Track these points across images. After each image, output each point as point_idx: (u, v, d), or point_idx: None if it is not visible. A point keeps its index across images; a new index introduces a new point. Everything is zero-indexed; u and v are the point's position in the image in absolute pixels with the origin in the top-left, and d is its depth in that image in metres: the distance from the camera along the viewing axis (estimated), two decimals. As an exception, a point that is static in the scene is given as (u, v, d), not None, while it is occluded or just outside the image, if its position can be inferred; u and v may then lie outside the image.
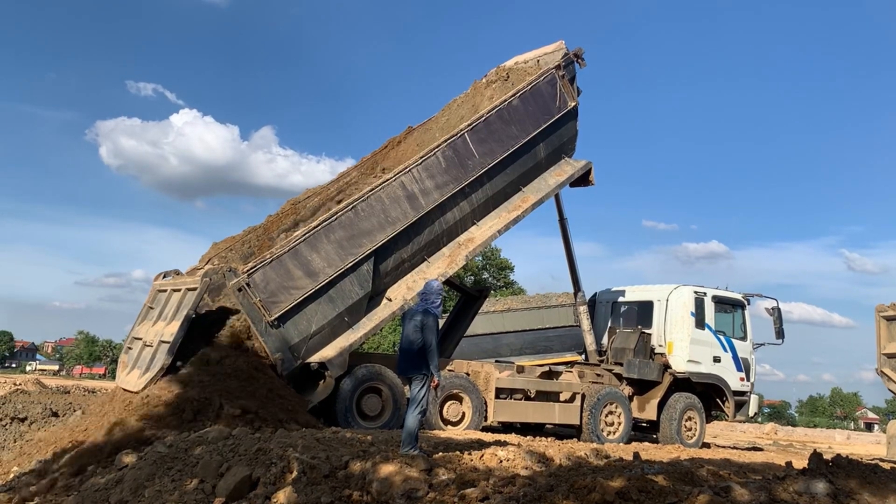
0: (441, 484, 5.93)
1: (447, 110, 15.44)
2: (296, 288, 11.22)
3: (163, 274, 12.70)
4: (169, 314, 11.12)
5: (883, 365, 15.94)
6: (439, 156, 12.69)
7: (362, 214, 11.92)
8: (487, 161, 13.21)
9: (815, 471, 5.44)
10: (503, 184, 13.69)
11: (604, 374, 15.22)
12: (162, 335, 10.69)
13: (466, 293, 15.89)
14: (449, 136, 12.89)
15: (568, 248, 16.13)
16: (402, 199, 12.29)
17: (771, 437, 29.29)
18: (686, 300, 15.57)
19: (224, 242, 13.85)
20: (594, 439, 13.99)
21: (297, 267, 11.27)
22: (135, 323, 12.70)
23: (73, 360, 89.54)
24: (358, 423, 11.61)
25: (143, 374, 10.53)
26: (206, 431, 8.16)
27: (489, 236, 13.41)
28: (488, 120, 13.21)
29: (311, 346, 11.44)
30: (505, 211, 13.75)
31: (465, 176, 12.97)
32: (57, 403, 11.89)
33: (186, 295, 10.80)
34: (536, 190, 14.16)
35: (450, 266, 12.90)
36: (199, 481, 6.48)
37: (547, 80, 13.96)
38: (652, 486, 5.04)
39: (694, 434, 15.52)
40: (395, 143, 15.09)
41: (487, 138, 13.20)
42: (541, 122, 13.88)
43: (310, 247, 11.40)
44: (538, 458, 7.08)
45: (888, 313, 16.05)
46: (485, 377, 13.55)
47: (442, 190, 12.70)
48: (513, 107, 13.51)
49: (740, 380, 16.03)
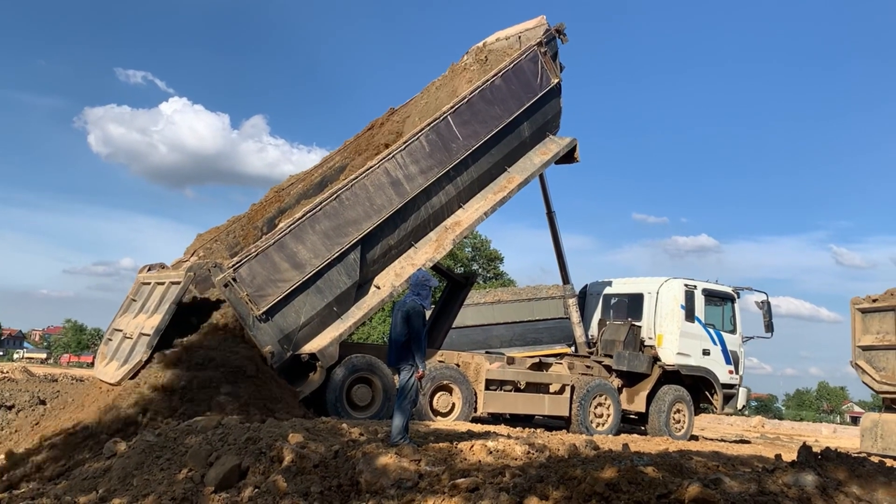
0: (431, 474, 5.93)
1: (426, 93, 15.24)
2: (283, 280, 11.13)
3: (147, 267, 12.62)
4: (151, 307, 11.04)
5: (858, 357, 15.94)
6: (423, 140, 12.52)
7: (347, 203, 11.79)
8: (471, 143, 13.04)
9: (805, 463, 5.47)
10: (488, 165, 13.53)
11: (593, 365, 15.26)
12: (143, 328, 10.61)
13: (453, 280, 15.79)
14: (432, 120, 12.70)
15: (556, 242, 16.11)
16: (387, 186, 12.16)
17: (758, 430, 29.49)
18: (676, 293, 15.62)
19: (209, 233, 13.74)
20: (583, 431, 14.03)
21: (284, 259, 11.17)
22: (116, 315, 12.62)
23: (61, 349, 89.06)
24: (348, 414, 11.58)
25: (120, 366, 10.46)
26: (196, 420, 8.13)
27: (476, 219, 13.28)
28: (471, 101, 13.02)
29: (301, 338, 11.39)
30: (491, 192, 13.61)
31: (449, 159, 12.81)
32: (44, 391, 11.83)
33: (170, 289, 10.72)
34: (522, 169, 14.00)
35: (437, 251, 12.81)
36: (188, 470, 6.45)
37: (529, 58, 13.70)
38: (642, 478, 5.05)
39: (682, 426, 15.58)
40: (378, 125, 14.88)
41: (471, 120, 13.02)
42: (524, 100, 13.67)
43: (295, 238, 11.29)
44: (528, 448, 7.09)
45: (863, 305, 16.04)
46: (475, 368, 13.55)
47: (426, 175, 12.56)
48: (495, 86, 13.30)
49: (729, 373, 16.10)
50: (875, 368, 15.68)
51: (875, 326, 15.86)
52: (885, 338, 15.63)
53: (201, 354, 10.07)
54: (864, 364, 15.79)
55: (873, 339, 15.80)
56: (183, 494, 6.03)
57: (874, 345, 15.75)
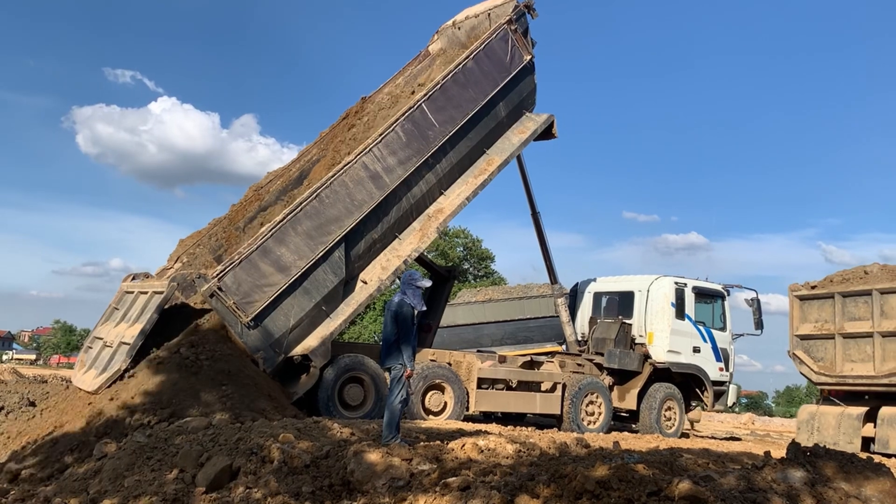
0: (423, 473, 5.93)
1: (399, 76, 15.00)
2: (269, 285, 11.06)
3: (132, 276, 12.53)
4: (133, 316, 10.96)
5: (795, 347, 15.25)
6: (398, 130, 12.37)
7: (327, 202, 11.70)
8: (448, 129, 12.88)
9: (794, 460, 5.50)
10: (467, 149, 13.39)
11: (585, 363, 15.30)
12: (123, 336, 10.53)
13: (437, 273, 15.69)
14: (406, 109, 12.54)
15: (542, 242, 16.09)
16: (366, 180, 12.05)
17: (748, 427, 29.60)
18: (667, 291, 15.67)
19: (190, 238, 13.58)
20: (575, 429, 14.07)
21: (268, 264, 11.10)
22: (98, 323, 12.52)
23: (51, 350, 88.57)
24: (340, 413, 11.58)
25: (99, 375, 10.36)
26: (187, 421, 8.12)
27: (458, 204, 13.16)
28: (444, 87, 12.84)
29: (291, 340, 11.36)
30: (472, 176, 13.50)
31: (427, 147, 12.67)
32: (34, 393, 11.76)
33: (153, 298, 10.62)
34: (501, 150, 13.86)
35: (422, 240, 12.75)
36: (179, 471, 6.44)
37: (500, 37, 13.49)
38: (633, 475, 5.07)
39: (673, 424, 15.65)
40: (352, 113, 14.59)
41: (446, 105, 12.86)
42: (498, 80, 13.48)
43: (278, 241, 11.21)
44: (519, 447, 7.11)
45: (802, 293, 15.40)
46: (467, 367, 13.56)
47: (405, 165, 12.45)
48: (467, 69, 13.11)
49: (719, 370, 16.17)
50: (813, 358, 15.07)
51: (814, 315, 15.21)
52: (823, 326, 15.00)
53: (189, 355, 10.03)
54: (801, 354, 15.17)
55: (812, 328, 15.18)
56: (174, 495, 6.02)
57: (812, 334, 15.14)
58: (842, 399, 14.94)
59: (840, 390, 14.94)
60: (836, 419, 14.61)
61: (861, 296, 14.51)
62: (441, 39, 14.92)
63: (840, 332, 14.66)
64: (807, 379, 15.72)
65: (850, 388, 14.71)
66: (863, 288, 14.51)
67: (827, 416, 14.81)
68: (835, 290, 14.91)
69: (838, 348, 14.67)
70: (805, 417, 15.24)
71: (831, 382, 14.85)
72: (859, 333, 14.42)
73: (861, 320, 14.45)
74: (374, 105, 14.36)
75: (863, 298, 14.47)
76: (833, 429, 14.56)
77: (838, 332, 14.68)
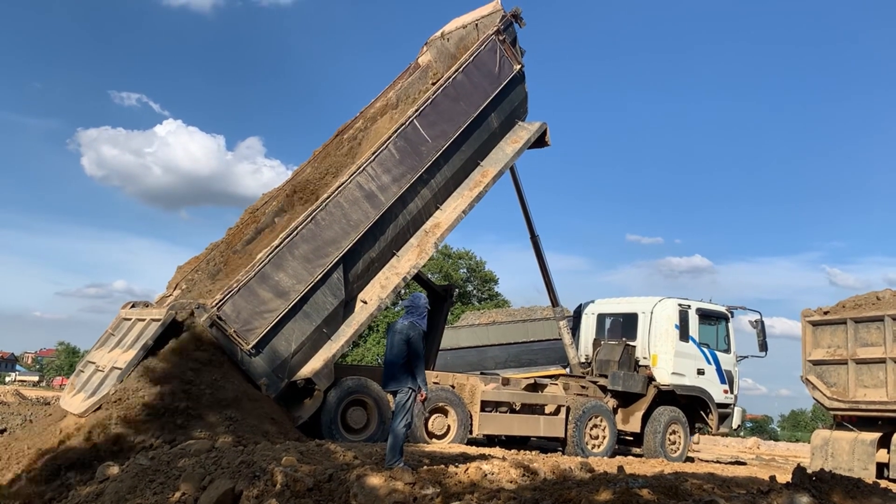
0: (426, 497, 5.90)
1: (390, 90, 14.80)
2: (269, 311, 11.02)
3: (131, 304, 12.51)
4: (128, 342, 10.88)
5: (808, 372, 15.25)
6: (391, 148, 12.34)
7: (323, 224, 11.68)
8: (441, 143, 12.84)
9: (799, 485, 5.47)
10: (461, 162, 13.36)
11: (588, 386, 15.22)
12: (116, 362, 10.44)
13: (434, 292, 15.61)
14: (398, 126, 12.51)
15: (542, 265, 16.04)
16: (361, 200, 12.03)
17: (753, 451, 29.37)
18: (670, 313, 15.62)
19: (188, 264, 13.53)
20: (579, 452, 13.97)
21: (267, 290, 11.06)
22: (92, 348, 12.46)
23: (54, 372, 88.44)
24: (343, 436, 11.51)
25: (87, 398, 10.20)
26: (189, 444, 8.09)
27: (455, 218, 13.09)
28: (435, 101, 12.83)
29: (294, 365, 11.31)
30: (467, 189, 13.44)
31: (420, 163, 12.63)
32: (37, 415, 11.75)
33: (149, 325, 10.55)
34: (495, 161, 13.81)
35: (420, 256, 12.70)
36: (181, 494, 6.41)
37: (488, 48, 13.46)
38: (637, 501, 5.04)
39: (678, 448, 15.52)
40: (346, 130, 14.40)
41: (437, 120, 12.84)
42: (488, 92, 13.46)
43: (275, 267, 11.18)
44: (523, 471, 7.07)
45: (814, 318, 15.40)
46: (470, 390, 13.51)
47: (400, 182, 12.41)
48: (458, 82, 13.11)
49: (724, 392, 16.08)
50: (825, 384, 15.07)
51: (826, 340, 15.23)
52: (836, 352, 14.99)
53: (192, 379, 9.97)
54: (814, 379, 15.17)
55: (824, 354, 15.17)
56: (176, 519, 5.99)
57: (825, 359, 15.13)
58: (855, 424, 14.89)
59: (853, 416, 14.90)
60: (850, 445, 14.57)
61: (873, 321, 14.54)
62: (430, 51, 14.87)
63: (853, 357, 14.68)
64: (819, 404, 15.70)
65: (863, 413, 14.67)
66: (875, 314, 14.55)
67: (841, 441, 14.75)
68: (847, 316, 14.95)
69: (851, 374, 14.68)
70: (819, 443, 15.19)
71: (844, 408, 14.83)
72: (872, 359, 14.45)
73: (874, 346, 14.49)
74: (365, 120, 14.32)
75: (875, 324, 14.51)
76: (847, 454, 14.52)
77: (851, 357, 14.70)
